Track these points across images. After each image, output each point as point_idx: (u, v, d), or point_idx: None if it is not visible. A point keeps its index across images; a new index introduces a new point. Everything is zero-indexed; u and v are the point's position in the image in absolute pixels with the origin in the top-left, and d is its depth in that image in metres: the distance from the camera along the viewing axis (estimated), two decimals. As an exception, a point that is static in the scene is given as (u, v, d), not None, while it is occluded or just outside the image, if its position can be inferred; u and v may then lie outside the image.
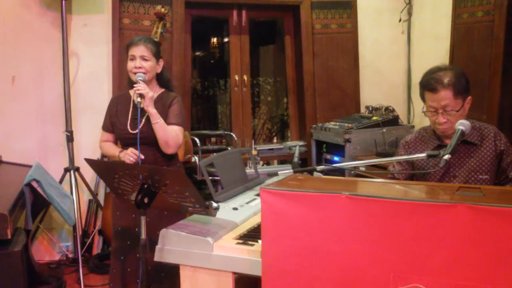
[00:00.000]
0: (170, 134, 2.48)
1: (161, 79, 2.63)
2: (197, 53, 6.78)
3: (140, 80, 2.43)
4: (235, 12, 4.42)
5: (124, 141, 2.57)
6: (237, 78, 4.49)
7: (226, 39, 6.43)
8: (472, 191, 1.42)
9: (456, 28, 3.94)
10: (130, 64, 2.50)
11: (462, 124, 1.80)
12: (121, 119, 2.55)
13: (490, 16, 3.63)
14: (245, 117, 4.56)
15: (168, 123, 2.50)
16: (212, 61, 7.09)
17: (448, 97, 2.00)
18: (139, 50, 2.48)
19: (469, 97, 2.08)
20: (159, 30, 3.54)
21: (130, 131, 2.50)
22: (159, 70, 2.59)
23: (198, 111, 6.57)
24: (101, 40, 3.87)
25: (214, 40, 6.79)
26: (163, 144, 2.47)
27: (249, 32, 4.52)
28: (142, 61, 2.48)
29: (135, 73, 2.47)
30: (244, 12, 4.43)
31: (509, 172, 2.09)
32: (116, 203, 2.56)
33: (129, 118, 2.53)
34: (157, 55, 2.56)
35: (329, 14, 4.44)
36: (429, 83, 2.04)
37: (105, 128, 2.65)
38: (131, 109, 2.56)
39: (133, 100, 2.54)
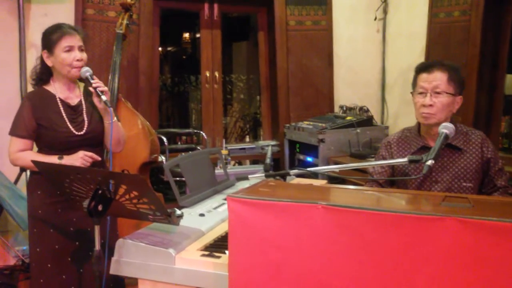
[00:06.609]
0: (122, 132, 2.29)
1: None
2: (169, 48, 6.59)
3: (91, 75, 2.15)
4: (206, 5, 4.24)
5: (65, 146, 2.21)
6: (208, 75, 4.32)
7: (198, 35, 6.27)
8: (460, 202, 1.31)
9: (432, 28, 3.89)
10: (68, 57, 2.14)
11: (446, 128, 1.69)
12: (56, 121, 2.21)
13: (466, 16, 3.58)
14: (216, 115, 4.40)
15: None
16: (184, 57, 6.90)
17: (441, 78, 1.97)
18: (77, 40, 2.17)
19: (460, 97, 2.03)
20: (125, 22, 3.37)
21: (76, 133, 2.20)
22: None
23: (168, 108, 6.37)
24: (63, 31, 3.63)
25: (186, 35, 6.62)
26: (114, 143, 2.24)
27: (221, 27, 4.36)
28: (81, 53, 2.19)
29: (76, 67, 2.16)
30: (216, 6, 4.26)
31: (497, 180, 2.02)
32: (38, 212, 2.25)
33: (65, 118, 2.22)
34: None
35: (303, 10, 4.33)
36: (425, 65, 2.05)
37: (24, 134, 2.19)
38: (61, 108, 2.23)
39: (59, 98, 2.24)
